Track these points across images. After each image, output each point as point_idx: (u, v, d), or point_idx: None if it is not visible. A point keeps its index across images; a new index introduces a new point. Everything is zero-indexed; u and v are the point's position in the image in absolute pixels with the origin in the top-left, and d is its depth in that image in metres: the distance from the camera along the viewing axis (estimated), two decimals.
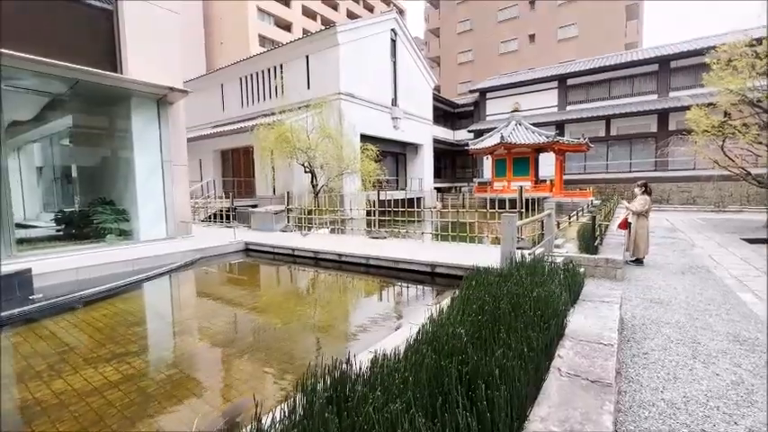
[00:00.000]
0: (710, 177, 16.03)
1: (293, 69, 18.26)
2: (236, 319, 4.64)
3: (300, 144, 13.02)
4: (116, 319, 4.60)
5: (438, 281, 5.86)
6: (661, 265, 7.20)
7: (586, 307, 3.81)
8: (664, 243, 9.64)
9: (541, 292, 3.16)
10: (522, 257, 4.69)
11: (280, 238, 9.06)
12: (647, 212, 7.28)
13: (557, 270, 4.36)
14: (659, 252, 8.45)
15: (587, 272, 6.42)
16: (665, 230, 12.16)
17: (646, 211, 7.25)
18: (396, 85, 21.00)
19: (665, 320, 4.33)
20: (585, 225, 6.80)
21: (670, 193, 21.44)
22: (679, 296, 5.26)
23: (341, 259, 7.04)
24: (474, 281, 3.62)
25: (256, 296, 5.62)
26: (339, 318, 4.53)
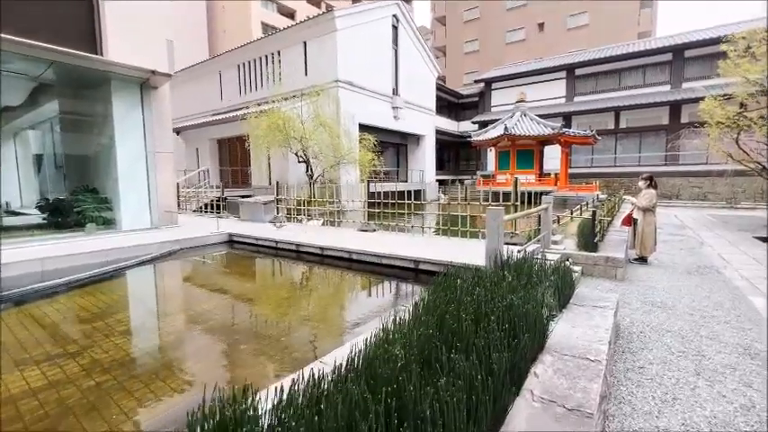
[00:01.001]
0: (723, 172, 15.29)
1: (291, 56, 17.74)
2: (187, 319, 4.29)
3: (293, 133, 12.59)
4: (68, 314, 4.27)
5: (422, 278, 5.45)
6: (666, 265, 6.71)
7: (577, 313, 3.38)
8: (671, 241, 9.11)
9: (517, 299, 2.72)
10: (510, 256, 4.26)
11: (265, 229, 8.69)
12: (654, 208, 6.78)
13: (546, 270, 3.92)
14: (666, 250, 7.94)
15: (585, 270, 5.98)
16: (674, 227, 11.60)
17: (652, 207, 6.75)
18: (397, 73, 20.39)
19: (666, 328, 3.88)
20: (586, 221, 6.33)
21: (680, 189, 20.70)
22: (684, 299, 4.80)
23: (323, 253, 6.66)
24: (445, 283, 3.20)
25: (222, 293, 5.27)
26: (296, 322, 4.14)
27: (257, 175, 16.71)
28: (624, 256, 5.83)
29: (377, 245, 6.45)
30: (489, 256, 4.17)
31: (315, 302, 4.82)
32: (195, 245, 7.86)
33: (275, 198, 10.29)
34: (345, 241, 6.83)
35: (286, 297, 5.14)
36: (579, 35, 32.33)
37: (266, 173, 16.53)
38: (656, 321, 4.06)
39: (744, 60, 10.97)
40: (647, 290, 5.22)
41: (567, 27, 33.31)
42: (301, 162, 13.48)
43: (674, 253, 7.75)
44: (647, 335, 3.71)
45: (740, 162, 12.03)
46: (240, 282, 6.00)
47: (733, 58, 11.29)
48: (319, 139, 13.61)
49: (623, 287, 5.34)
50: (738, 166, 12.54)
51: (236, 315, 4.42)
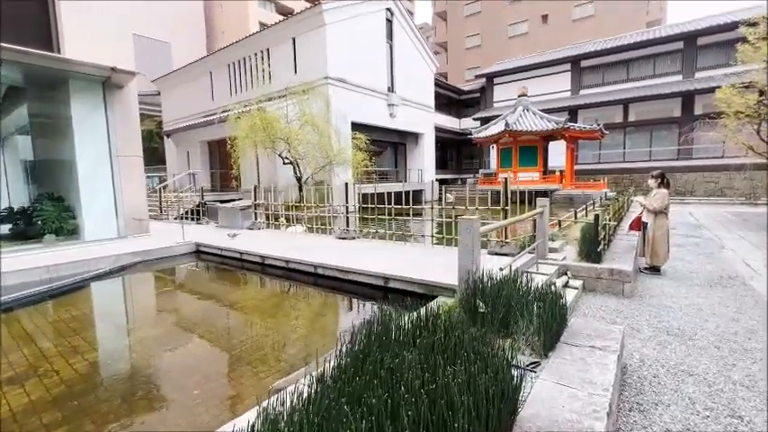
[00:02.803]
0: (742, 166, 14.21)
1: (280, 54, 17.05)
2: (113, 347, 3.57)
3: (277, 133, 11.87)
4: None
5: (392, 298, 4.66)
6: (683, 275, 5.82)
7: (567, 358, 2.56)
8: (686, 244, 8.18)
9: (480, 348, 1.92)
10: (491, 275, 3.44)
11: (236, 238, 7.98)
12: (667, 210, 5.89)
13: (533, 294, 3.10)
14: (681, 256, 7.03)
15: (588, 285, 5.13)
16: (689, 227, 10.62)
17: (665, 209, 5.86)
18: (392, 69, 19.57)
19: (686, 369, 3.04)
20: (588, 225, 5.49)
21: (694, 184, 19.53)
22: (707, 324, 3.94)
23: (288, 266, 5.91)
24: (382, 329, 2.39)
25: (162, 315, 4.55)
26: (218, 361, 3.40)
27: (246, 177, 16.06)
28: (632, 268, 4.97)
29: (348, 257, 5.68)
30: (462, 279, 3.36)
31: (259, 336, 4.06)
32: (157, 257, 7.17)
33: (253, 203, 9.57)
34: (314, 252, 6.07)
35: (230, 328, 4.38)
36: (585, 26, 31.12)
37: (255, 175, 15.87)
38: (674, 358, 3.21)
39: (764, 43, 9.97)
40: (661, 310, 4.36)
41: (571, 18, 32.10)
42: (287, 164, 12.77)
43: (691, 259, 6.84)
44: (661, 380, 2.88)
45: (762, 155, 11.01)
46: (184, 305, 5.28)
47: (753, 42, 10.28)
48: (306, 140, 12.87)
49: (632, 307, 4.49)
50: (759, 159, 11.51)
51: (153, 352, 3.68)
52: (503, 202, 5.48)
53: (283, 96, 13.68)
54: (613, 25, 28.84)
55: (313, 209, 8.47)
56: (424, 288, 4.33)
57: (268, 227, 9.48)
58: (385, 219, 7.17)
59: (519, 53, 32.52)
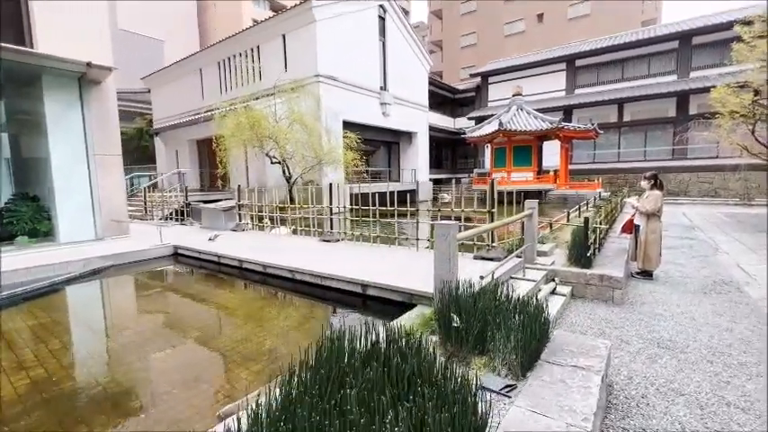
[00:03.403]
0: (737, 166, 14.11)
1: (270, 51, 16.72)
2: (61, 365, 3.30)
3: (264, 132, 11.58)
4: None
5: (371, 306, 4.42)
6: (676, 280, 5.62)
7: (546, 379, 2.33)
8: (679, 246, 7.99)
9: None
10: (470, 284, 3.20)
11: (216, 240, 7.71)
12: (660, 212, 5.68)
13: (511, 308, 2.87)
14: (673, 259, 6.84)
15: (577, 291, 4.91)
16: (683, 228, 10.45)
17: (658, 211, 5.65)
18: (385, 67, 19.29)
19: (677, 387, 2.82)
20: (579, 228, 5.27)
21: (688, 185, 19.43)
22: (700, 335, 3.72)
23: (266, 271, 5.65)
24: (337, 349, 2.13)
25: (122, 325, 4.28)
26: None
27: (235, 177, 15.75)
28: (623, 274, 4.75)
29: (329, 261, 5.42)
30: (437, 289, 3.12)
31: (209, 353, 3.80)
32: (132, 260, 6.88)
33: (236, 203, 9.29)
34: (293, 256, 5.81)
35: (181, 342, 4.12)
36: (580, 25, 30.98)
37: (244, 175, 15.58)
38: (664, 375, 2.99)
39: (762, 42, 9.80)
40: (652, 319, 4.14)
41: (567, 17, 31.96)
42: (274, 163, 12.48)
43: (684, 263, 6.65)
44: (650, 401, 2.65)
45: (756, 156, 10.86)
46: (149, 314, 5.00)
47: (748, 41, 10.12)
48: (295, 139, 12.59)
49: (621, 315, 4.27)
50: (753, 160, 11.37)
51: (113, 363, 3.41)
52: (489, 204, 5.24)
53: (271, 95, 13.38)
54: (609, 24, 28.72)
55: (297, 210, 8.20)
56: (404, 296, 4.09)
57: (253, 228, 9.21)
58: (370, 221, 6.93)
59: (515, 52, 32.34)
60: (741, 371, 3.03)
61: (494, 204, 5.22)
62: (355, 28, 16.99)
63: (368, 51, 18.06)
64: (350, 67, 16.62)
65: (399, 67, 20.29)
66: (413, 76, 21.76)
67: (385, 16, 18.97)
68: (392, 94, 19.55)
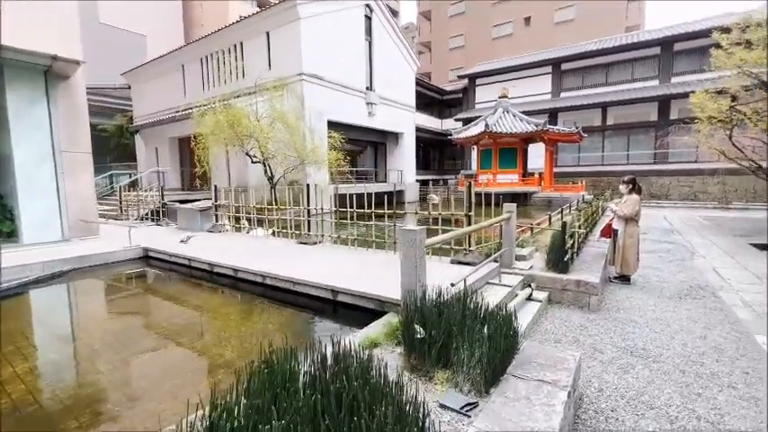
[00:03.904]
0: (715, 171, 14.37)
1: (254, 48, 16.40)
2: None
3: (244, 130, 11.30)
4: None
5: (341, 313, 4.26)
6: (653, 285, 5.60)
7: (510, 396, 2.20)
8: (658, 250, 8.03)
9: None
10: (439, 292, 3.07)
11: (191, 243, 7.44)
12: (638, 217, 5.65)
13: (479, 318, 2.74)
14: (652, 263, 6.84)
15: (554, 297, 4.83)
16: (662, 232, 10.55)
17: (635, 215, 5.62)
18: (371, 67, 19.14)
19: (647, 399, 2.73)
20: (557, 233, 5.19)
21: (669, 188, 19.77)
22: (674, 343, 3.66)
23: (236, 275, 5.43)
24: (276, 371, 1.95)
25: (74, 334, 4.03)
26: None
27: (216, 177, 15.38)
28: (599, 281, 4.69)
29: (302, 265, 5.24)
30: (404, 298, 2.97)
31: (162, 365, 3.59)
32: (97, 263, 6.57)
33: (213, 204, 9.02)
34: (267, 259, 5.60)
35: (135, 354, 3.89)
36: (566, 29, 31.34)
37: (226, 175, 15.24)
38: (635, 386, 2.90)
39: (738, 48, 9.96)
40: (627, 326, 4.08)
41: (554, 21, 32.30)
42: (255, 162, 12.21)
43: (662, 267, 6.66)
44: (619, 416, 2.55)
45: (733, 160, 11.04)
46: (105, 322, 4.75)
47: (726, 47, 10.27)
48: (277, 138, 12.33)
49: (597, 322, 4.19)
50: (731, 165, 11.56)
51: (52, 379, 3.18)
52: (466, 208, 5.13)
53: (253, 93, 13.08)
54: (594, 29, 29.11)
55: (274, 211, 7.97)
56: (375, 303, 3.94)
57: (231, 230, 8.95)
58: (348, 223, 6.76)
59: (503, 54, 32.54)
60: (713, 381, 2.96)
61: (471, 207, 5.11)
62: (341, 27, 16.80)
63: (354, 51, 17.88)
64: (335, 66, 16.42)
65: (386, 67, 20.16)
66: (400, 77, 21.65)
67: (372, 16, 18.82)
68: (378, 95, 19.40)
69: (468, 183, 5.15)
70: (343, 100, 17.07)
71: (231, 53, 17.32)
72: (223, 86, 17.39)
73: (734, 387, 2.89)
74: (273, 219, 8.13)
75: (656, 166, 20.63)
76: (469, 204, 5.09)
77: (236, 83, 16.32)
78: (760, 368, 3.16)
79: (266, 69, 15.60)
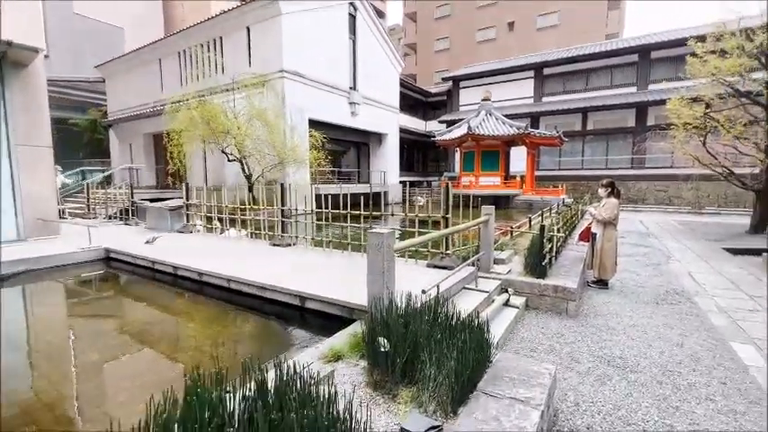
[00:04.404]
0: (689, 176, 14.70)
1: (234, 43, 15.94)
2: None
3: (219, 127, 10.90)
4: None
5: (309, 320, 4.01)
6: (630, 290, 5.55)
7: (478, 416, 2.01)
8: (635, 254, 8.06)
9: None
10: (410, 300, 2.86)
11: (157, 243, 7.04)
12: (616, 220, 5.60)
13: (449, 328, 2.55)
14: (629, 267, 6.84)
15: (531, 302, 4.70)
16: (639, 236, 10.67)
17: (614, 219, 5.57)
18: (355, 66, 18.90)
19: (624, 414, 2.59)
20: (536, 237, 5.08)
21: (646, 193, 20.22)
22: (651, 352, 3.56)
23: (201, 279, 5.11)
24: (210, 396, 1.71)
25: (14, 344, 3.67)
26: None
27: (193, 175, 14.87)
28: (577, 286, 4.59)
29: (271, 268, 4.96)
30: (370, 307, 2.76)
31: (100, 385, 3.28)
32: (53, 264, 6.12)
33: (184, 203, 8.61)
34: (235, 262, 5.30)
35: (77, 367, 3.57)
36: (549, 35, 31.83)
37: (203, 173, 14.74)
38: (612, 399, 2.77)
39: (713, 57, 10.18)
40: (605, 333, 3.97)
41: (536, 27, 32.77)
42: (232, 160, 11.81)
43: (639, 271, 6.65)
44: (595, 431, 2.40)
45: (707, 166, 11.28)
46: (51, 330, 4.38)
47: (701, 55, 10.48)
48: (255, 135, 11.97)
49: (574, 329, 4.08)
50: (704, 171, 11.82)
51: None
52: (443, 210, 4.96)
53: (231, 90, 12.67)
54: (575, 36, 29.65)
55: (247, 211, 7.64)
56: (344, 310, 3.71)
57: (203, 230, 8.56)
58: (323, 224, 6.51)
59: (487, 58, 32.80)
60: (690, 394, 2.85)
61: (448, 209, 4.94)
62: (324, 24, 16.51)
63: (337, 49, 17.61)
64: (317, 64, 16.11)
65: (370, 67, 19.96)
66: (384, 77, 21.49)
67: (356, 14, 18.59)
68: (362, 94, 19.18)
69: (445, 184, 4.97)
70: (325, 99, 16.77)
71: (210, 48, 16.80)
72: (202, 82, 16.84)
73: (712, 399, 2.78)
74: (247, 219, 7.79)
75: (634, 170, 21.07)
76: (446, 207, 4.92)
77: (215, 79, 15.83)
78: (737, 378, 3.08)
79: (246, 65, 15.18)
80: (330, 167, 14.18)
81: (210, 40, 16.76)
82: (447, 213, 4.95)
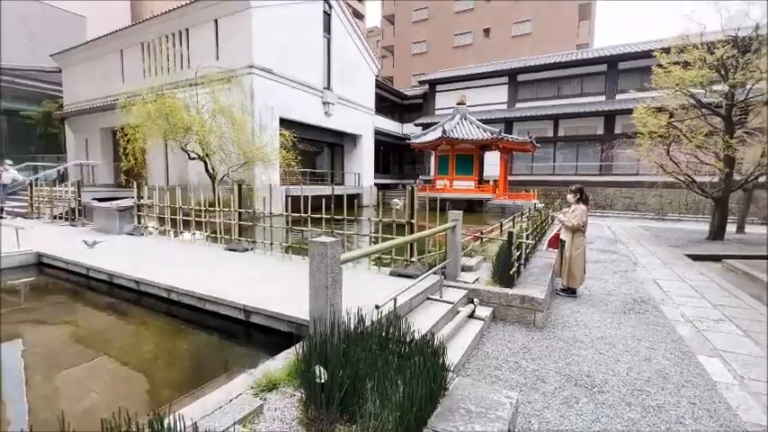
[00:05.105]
0: (654, 184, 15.14)
1: (201, 36, 15.20)
2: None
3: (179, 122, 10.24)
4: None
5: (255, 337, 3.61)
6: (598, 298, 5.44)
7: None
8: (604, 261, 8.06)
9: None
10: (360, 318, 2.53)
11: (94, 248, 6.41)
12: (584, 227, 5.48)
13: (400, 352, 2.23)
14: (597, 274, 6.78)
15: (498, 313, 4.47)
16: (607, 241, 10.79)
17: (582, 226, 5.44)
18: (329, 65, 18.48)
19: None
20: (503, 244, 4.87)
21: (613, 199, 20.79)
22: (619, 367, 3.38)
23: (139, 288, 4.60)
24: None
25: None
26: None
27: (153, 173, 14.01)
28: (545, 296, 4.39)
29: (218, 277, 4.51)
30: (313, 326, 2.41)
31: None
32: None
33: (136, 203, 7.96)
34: (180, 271, 4.81)
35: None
36: (523, 43, 32.48)
37: (164, 171, 13.91)
38: (579, 426, 2.53)
39: (677, 68, 10.45)
40: (572, 347, 3.78)
41: (511, 34, 33.38)
42: (193, 159, 11.14)
43: (607, 278, 6.60)
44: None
45: (671, 174, 11.58)
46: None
47: (666, 66, 10.75)
48: (220, 133, 11.35)
49: (541, 343, 3.86)
50: (668, 178, 12.14)
51: None
52: (407, 215, 4.67)
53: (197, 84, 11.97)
54: (548, 45, 30.37)
55: (203, 213, 7.10)
56: (291, 326, 3.33)
57: (156, 233, 7.93)
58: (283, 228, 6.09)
59: (463, 63, 33.08)
60: (659, 417, 2.65)
61: (413, 214, 4.65)
62: (297, 20, 16.02)
63: (311, 47, 17.14)
64: (290, 61, 15.60)
65: (345, 67, 19.59)
66: (359, 78, 21.16)
67: (331, 12, 18.19)
68: (336, 94, 18.77)
69: (410, 188, 4.69)
70: (297, 97, 16.26)
71: (176, 41, 15.95)
72: (166, 76, 15.96)
73: (681, 422, 2.59)
74: (202, 221, 7.24)
75: (602, 177, 21.64)
76: (411, 211, 4.63)
77: (180, 73, 15.01)
78: (706, 398, 2.92)
79: (214, 60, 14.46)
80: (301, 168, 13.66)
81: (176, 31, 15.92)
82: (412, 218, 4.65)
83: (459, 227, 4.84)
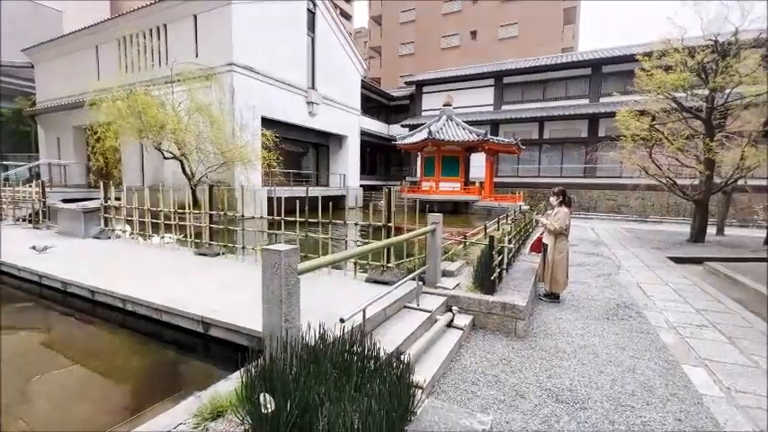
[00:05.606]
0: (636, 186, 15.27)
1: (180, 32, 14.72)
2: None
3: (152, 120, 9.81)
4: None
5: (214, 352, 3.32)
6: (581, 303, 5.30)
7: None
8: (587, 264, 7.98)
9: None
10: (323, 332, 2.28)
11: (45, 253, 5.99)
12: (567, 231, 5.33)
13: (359, 376, 1.99)
14: (581, 278, 6.67)
15: (478, 321, 4.27)
16: (590, 244, 10.76)
17: (565, 230, 5.30)
18: (314, 65, 18.17)
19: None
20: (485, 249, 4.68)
21: (597, 201, 20.98)
22: (602, 380, 3.20)
23: (94, 298, 4.25)
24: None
25: None
26: None
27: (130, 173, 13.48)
28: (527, 303, 4.21)
29: (186, 284, 4.20)
30: (265, 346, 2.15)
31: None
32: None
33: (102, 204, 7.54)
34: (139, 279, 4.47)
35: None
36: (509, 45, 32.69)
37: (139, 171, 13.39)
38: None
39: (659, 71, 10.50)
40: (554, 358, 3.59)
41: (498, 37, 33.57)
42: (168, 158, 10.71)
43: (590, 282, 6.48)
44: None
45: (654, 177, 11.64)
46: None
47: (648, 69, 10.80)
48: (197, 132, 10.95)
49: (522, 353, 3.67)
50: (650, 181, 12.22)
51: None
52: (385, 218, 4.43)
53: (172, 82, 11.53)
54: (533, 48, 30.63)
55: (172, 215, 6.72)
56: (252, 340, 3.06)
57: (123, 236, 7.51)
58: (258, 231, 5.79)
59: (450, 64, 33.10)
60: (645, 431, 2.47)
61: (390, 217, 4.42)
62: (280, 17, 15.68)
63: (294, 46, 16.80)
64: (273, 60, 15.24)
65: (330, 67, 19.30)
66: (345, 78, 20.89)
67: (315, 11, 17.89)
68: (321, 94, 18.47)
69: (387, 190, 4.46)
70: (280, 96, 15.90)
71: (154, 36, 15.43)
72: (142, 72, 15.41)
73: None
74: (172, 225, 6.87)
75: (586, 179, 21.83)
76: (388, 214, 4.39)
77: (158, 70, 14.51)
78: (692, 412, 2.76)
79: (193, 56, 14.02)
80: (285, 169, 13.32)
81: (154, 27, 15.41)
82: (389, 221, 4.42)
83: (440, 230, 4.63)
